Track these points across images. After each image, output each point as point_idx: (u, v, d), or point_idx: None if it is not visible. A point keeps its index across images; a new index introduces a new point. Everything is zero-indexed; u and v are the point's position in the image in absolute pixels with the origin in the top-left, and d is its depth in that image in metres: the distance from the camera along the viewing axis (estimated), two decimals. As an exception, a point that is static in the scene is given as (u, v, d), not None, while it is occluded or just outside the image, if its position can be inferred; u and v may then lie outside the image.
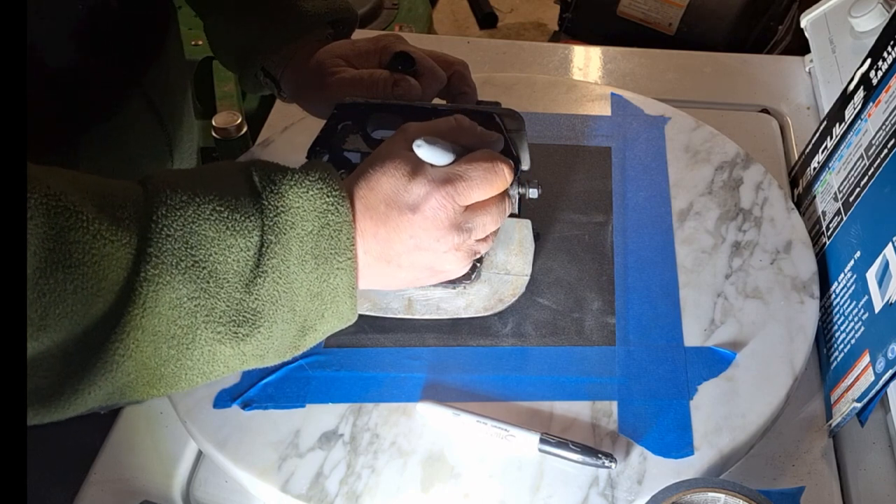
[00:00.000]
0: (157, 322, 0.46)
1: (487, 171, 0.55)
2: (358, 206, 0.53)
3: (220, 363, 0.50)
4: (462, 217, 0.55)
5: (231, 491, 0.61)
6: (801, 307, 0.67)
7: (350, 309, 0.54)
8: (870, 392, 0.59)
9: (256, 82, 0.75)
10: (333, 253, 0.51)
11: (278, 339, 0.52)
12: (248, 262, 0.49)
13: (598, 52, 1.03)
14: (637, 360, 0.63)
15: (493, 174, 0.55)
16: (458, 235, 0.55)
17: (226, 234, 0.48)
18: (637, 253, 0.71)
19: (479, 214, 0.56)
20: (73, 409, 0.47)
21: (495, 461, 0.58)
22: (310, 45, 0.72)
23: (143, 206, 0.47)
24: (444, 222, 0.54)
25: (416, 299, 0.64)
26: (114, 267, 0.44)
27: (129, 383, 0.48)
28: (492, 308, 0.64)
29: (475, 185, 0.55)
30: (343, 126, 0.65)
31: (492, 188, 0.56)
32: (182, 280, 0.47)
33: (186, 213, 0.47)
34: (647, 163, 0.80)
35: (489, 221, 0.57)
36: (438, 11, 2.52)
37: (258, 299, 0.49)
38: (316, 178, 0.51)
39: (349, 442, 0.59)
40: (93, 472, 0.61)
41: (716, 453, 0.58)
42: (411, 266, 0.56)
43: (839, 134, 0.74)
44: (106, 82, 0.70)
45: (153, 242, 0.46)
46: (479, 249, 0.58)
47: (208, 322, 0.48)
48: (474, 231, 0.56)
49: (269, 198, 0.50)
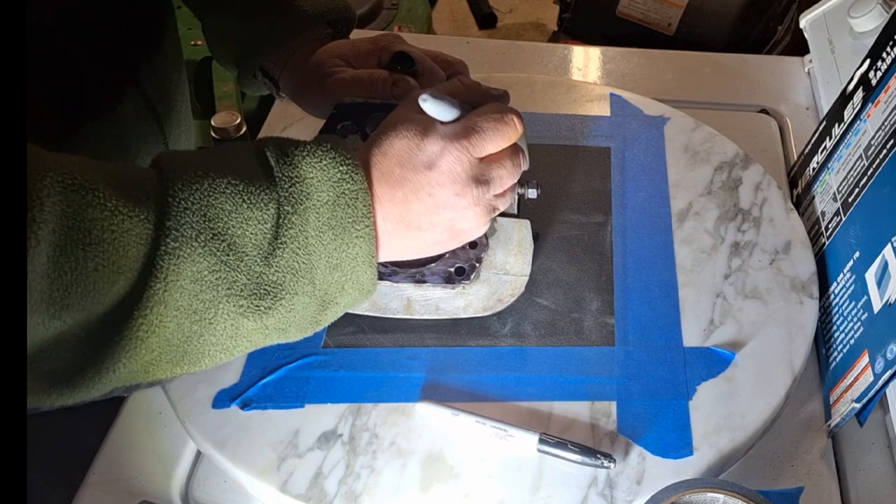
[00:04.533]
0: (179, 296, 0.46)
1: (498, 121, 0.55)
2: (373, 173, 0.53)
3: (243, 338, 0.50)
4: (478, 169, 0.55)
5: (230, 491, 0.61)
6: (800, 307, 0.67)
7: (370, 279, 0.54)
8: (869, 392, 0.59)
9: (255, 82, 0.75)
10: (351, 222, 0.51)
11: (300, 313, 0.52)
12: (267, 234, 0.49)
13: (598, 52, 1.03)
14: (636, 361, 0.63)
15: (504, 124, 0.56)
16: (477, 188, 0.55)
17: (242, 207, 0.48)
18: (636, 253, 0.71)
19: (494, 167, 0.56)
20: (98, 389, 0.47)
21: (494, 461, 0.58)
22: (308, 44, 0.72)
23: (157, 183, 0.47)
24: (462, 175, 0.55)
25: (416, 299, 0.64)
26: (133, 243, 0.45)
27: (153, 360, 0.48)
28: (491, 308, 0.64)
29: (488, 137, 0.55)
30: (342, 126, 0.65)
31: (504, 139, 0.56)
32: (202, 253, 0.47)
33: (202, 187, 0.47)
34: (647, 163, 0.80)
35: (505, 174, 0.57)
36: (438, 11, 2.52)
37: (278, 271, 0.49)
38: (328, 148, 0.51)
39: (348, 442, 0.59)
40: (92, 473, 0.61)
41: (715, 453, 0.58)
42: (431, 226, 0.56)
43: (838, 134, 0.74)
44: (100, 74, 0.69)
45: (171, 216, 0.46)
46: (498, 205, 0.58)
47: (230, 296, 0.48)
48: (493, 183, 0.56)
49: (283, 169, 0.50)
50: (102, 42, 0.68)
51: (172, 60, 0.80)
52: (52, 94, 0.65)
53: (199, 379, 0.63)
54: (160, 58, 0.76)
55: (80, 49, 0.67)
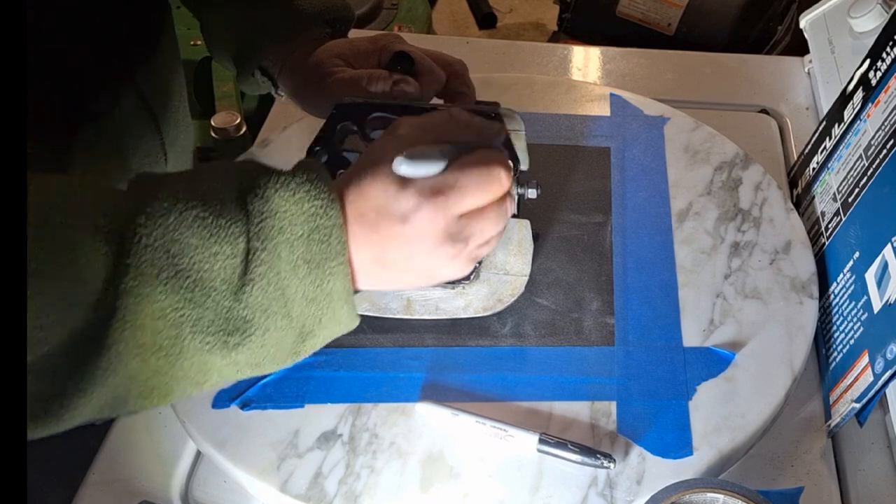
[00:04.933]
0: (140, 335, 0.45)
1: (482, 177, 0.52)
2: (349, 211, 0.52)
3: (213, 372, 0.49)
4: (457, 226, 0.53)
5: (230, 491, 0.61)
6: (800, 308, 0.67)
7: (348, 314, 0.53)
8: (869, 392, 0.59)
9: (253, 81, 0.75)
10: (325, 258, 0.50)
11: (274, 347, 0.50)
12: (235, 269, 0.47)
13: (598, 52, 1.03)
14: (636, 361, 0.63)
15: (489, 180, 0.52)
16: (453, 246, 0.53)
17: (210, 242, 0.46)
18: (636, 253, 0.71)
19: (476, 221, 0.53)
20: (65, 423, 0.46)
21: (494, 461, 0.58)
22: (307, 43, 0.72)
23: (123, 213, 0.46)
24: (436, 234, 0.52)
25: (416, 299, 0.64)
26: (90, 278, 0.43)
27: (120, 396, 0.47)
28: (491, 308, 0.64)
29: (468, 194, 0.52)
30: (342, 126, 0.65)
31: (487, 195, 0.53)
32: (164, 291, 0.45)
33: (168, 222, 0.46)
34: (647, 163, 0.80)
35: (488, 227, 0.54)
36: (438, 11, 2.52)
37: (248, 307, 0.48)
38: (303, 179, 0.49)
39: (348, 442, 0.59)
40: (91, 473, 0.61)
41: (715, 453, 0.58)
42: (408, 270, 0.54)
43: (838, 134, 0.74)
44: (99, 74, 0.69)
45: (132, 253, 0.45)
46: (480, 254, 0.56)
47: (195, 332, 0.47)
48: (472, 238, 0.54)
49: (253, 202, 0.48)
50: (102, 42, 0.68)
51: (170, 60, 0.80)
52: (51, 94, 0.65)
53: (199, 379, 0.63)
54: (158, 57, 0.76)
55: (79, 49, 0.67)
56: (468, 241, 0.53)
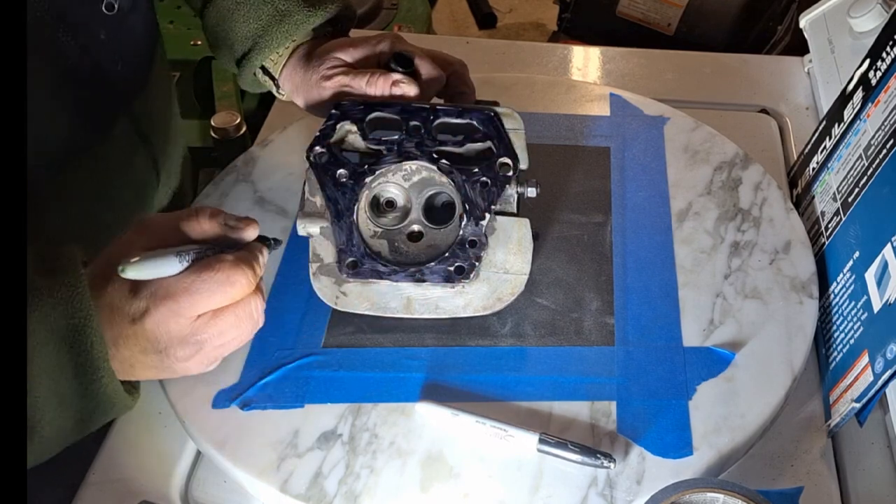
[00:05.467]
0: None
1: (220, 282, 0.52)
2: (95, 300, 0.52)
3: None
4: (190, 329, 0.53)
5: (230, 491, 0.61)
6: (799, 307, 0.67)
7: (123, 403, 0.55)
8: (869, 392, 0.59)
9: (255, 80, 0.75)
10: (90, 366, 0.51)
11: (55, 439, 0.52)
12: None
13: (598, 52, 1.03)
14: (636, 361, 0.63)
15: (227, 285, 0.53)
16: (185, 349, 0.54)
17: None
18: (636, 253, 0.71)
19: (213, 324, 0.54)
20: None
21: (494, 461, 0.58)
22: (309, 42, 0.72)
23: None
24: (166, 336, 0.53)
25: (415, 298, 0.64)
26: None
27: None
28: (490, 307, 0.64)
29: (203, 298, 0.52)
30: (342, 126, 0.65)
31: (224, 298, 0.53)
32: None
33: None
34: (646, 163, 0.80)
35: (227, 328, 0.54)
36: (437, 11, 2.52)
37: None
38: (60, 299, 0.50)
39: (348, 442, 0.59)
40: (91, 473, 0.61)
41: (715, 453, 0.58)
42: (143, 367, 0.55)
43: (838, 134, 0.74)
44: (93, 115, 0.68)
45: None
46: (221, 353, 0.57)
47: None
48: (208, 342, 0.54)
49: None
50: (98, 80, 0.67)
51: (162, 82, 0.79)
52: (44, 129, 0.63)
53: (199, 379, 0.63)
54: (151, 87, 0.75)
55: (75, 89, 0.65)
56: (203, 344, 0.54)
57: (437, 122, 0.65)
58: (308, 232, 0.64)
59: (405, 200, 0.65)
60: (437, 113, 0.65)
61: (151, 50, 0.75)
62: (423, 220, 0.65)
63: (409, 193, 0.65)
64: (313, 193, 0.64)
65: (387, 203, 0.65)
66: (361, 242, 0.63)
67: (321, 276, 0.64)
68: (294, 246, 0.71)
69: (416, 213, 0.65)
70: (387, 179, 0.65)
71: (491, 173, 0.64)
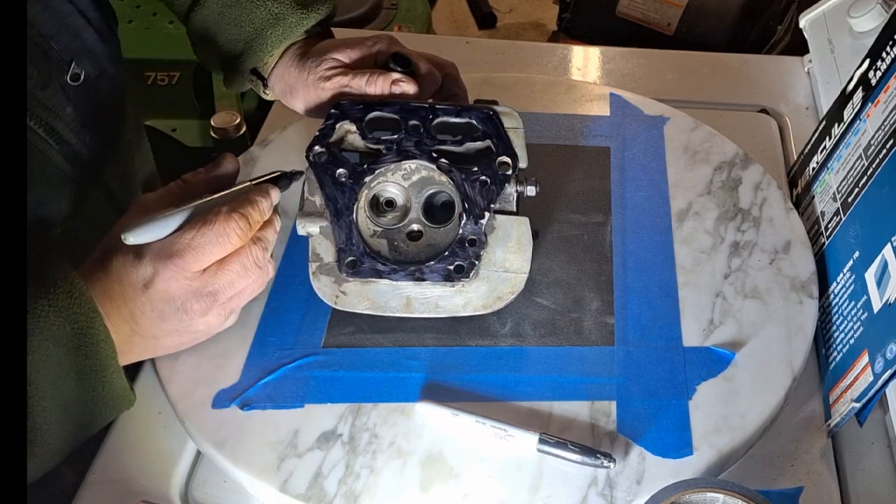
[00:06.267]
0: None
1: (217, 233, 0.54)
2: (97, 290, 0.54)
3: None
4: (200, 282, 0.55)
5: (230, 491, 0.61)
6: (799, 307, 0.67)
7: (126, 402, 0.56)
8: (868, 392, 0.59)
9: (241, 80, 0.75)
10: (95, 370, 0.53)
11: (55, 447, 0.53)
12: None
13: (597, 52, 1.03)
14: (636, 361, 0.63)
15: (224, 234, 0.54)
16: (200, 302, 0.55)
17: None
18: (636, 253, 0.71)
19: (220, 275, 0.55)
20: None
21: (494, 461, 0.58)
22: (300, 42, 0.72)
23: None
24: (180, 293, 0.54)
25: (415, 297, 0.64)
26: None
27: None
28: (490, 306, 0.64)
29: (205, 250, 0.54)
30: (341, 125, 0.65)
31: (225, 247, 0.55)
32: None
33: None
34: (646, 163, 0.79)
35: (234, 277, 0.56)
36: (437, 11, 2.52)
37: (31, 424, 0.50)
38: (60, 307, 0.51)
39: (348, 442, 0.59)
40: (91, 473, 0.61)
41: (715, 453, 0.58)
42: (165, 334, 0.56)
43: (838, 134, 0.74)
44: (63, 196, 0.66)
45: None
46: (236, 305, 0.58)
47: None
48: (220, 292, 0.56)
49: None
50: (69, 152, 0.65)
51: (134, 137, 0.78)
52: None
53: (199, 379, 0.63)
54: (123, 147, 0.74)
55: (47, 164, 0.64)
56: (216, 294, 0.56)
57: (436, 122, 0.65)
58: (307, 231, 0.64)
59: (405, 200, 0.65)
60: (436, 112, 0.65)
61: (121, 113, 0.73)
62: (422, 220, 0.65)
63: (409, 192, 0.65)
64: (313, 193, 0.64)
65: (386, 202, 0.65)
66: (361, 242, 0.63)
67: (321, 275, 0.64)
68: (294, 246, 0.71)
69: (416, 213, 0.65)
70: (386, 179, 0.65)
71: (490, 172, 0.64)
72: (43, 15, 0.62)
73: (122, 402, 0.56)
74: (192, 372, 0.63)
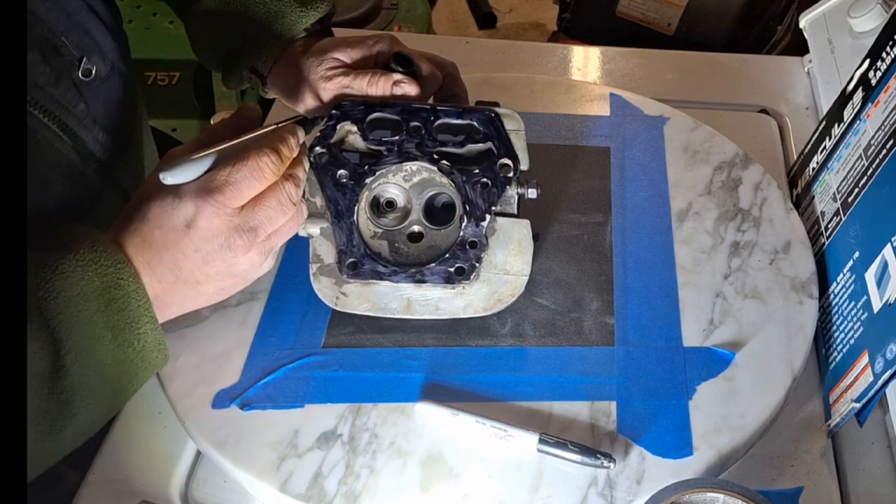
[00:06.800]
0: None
1: (251, 168, 0.55)
2: (135, 240, 0.54)
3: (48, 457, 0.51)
4: (240, 219, 0.55)
5: (230, 491, 0.61)
6: (799, 307, 0.67)
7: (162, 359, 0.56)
8: (868, 392, 0.59)
9: (240, 79, 0.75)
10: (129, 323, 0.53)
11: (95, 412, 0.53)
12: (46, 363, 0.49)
13: (597, 52, 1.03)
14: (636, 361, 0.63)
15: (258, 169, 0.55)
16: (242, 237, 0.56)
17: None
18: (636, 253, 0.71)
19: (258, 211, 0.56)
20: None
21: (494, 461, 0.58)
22: (300, 41, 0.72)
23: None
24: (222, 229, 0.55)
25: (415, 299, 0.64)
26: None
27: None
28: (491, 308, 0.64)
29: (242, 186, 0.55)
30: (342, 126, 0.65)
31: (260, 182, 0.56)
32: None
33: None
34: (646, 163, 0.80)
35: (272, 213, 0.57)
36: (437, 11, 2.52)
37: (65, 391, 0.50)
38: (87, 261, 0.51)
39: (348, 442, 0.59)
40: (91, 473, 0.61)
41: (715, 453, 0.58)
42: (208, 279, 0.56)
43: (838, 134, 0.74)
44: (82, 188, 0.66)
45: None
46: (275, 244, 0.59)
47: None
48: (260, 228, 0.56)
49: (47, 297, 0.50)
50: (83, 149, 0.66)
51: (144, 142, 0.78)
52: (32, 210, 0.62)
53: (199, 379, 0.63)
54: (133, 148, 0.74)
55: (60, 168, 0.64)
56: (256, 230, 0.56)
57: (437, 123, 0.65)
58: (308, 233, 0.64)
59: (405, 201, 0.65)
60: (437, 114, 0.65)
61: (132, 111, 0.74)
62: (423, 221, 0.65)
63: (410, 194, 0.65)
64: (313, 194, 0.64)
65: (387, 204, 0.65)
66: (362, 243, 0.63)
67: (321, 276, 0.64)
68: (294, 247, 0.71)
69: (417, 214, 0.65)
70: (387, 180, 0.65)
71: (491, 174, 0.64)
72: (53, 11, 0.62)
73: (158, 358, 0.56)
74: (192, 372, 0.63)
